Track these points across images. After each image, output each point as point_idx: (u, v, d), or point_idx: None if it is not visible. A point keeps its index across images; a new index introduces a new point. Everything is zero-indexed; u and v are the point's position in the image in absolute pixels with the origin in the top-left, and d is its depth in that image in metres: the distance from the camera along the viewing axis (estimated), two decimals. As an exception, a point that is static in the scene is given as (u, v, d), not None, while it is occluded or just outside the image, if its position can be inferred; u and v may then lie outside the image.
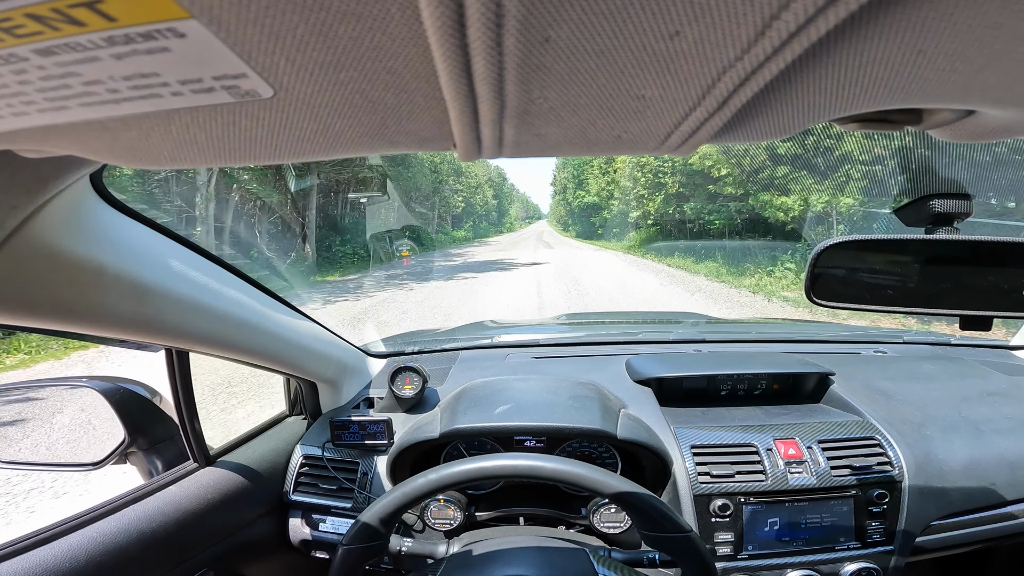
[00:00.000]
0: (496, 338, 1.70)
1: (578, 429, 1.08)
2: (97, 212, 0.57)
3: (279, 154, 0.30)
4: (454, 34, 0.19)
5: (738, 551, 1.05)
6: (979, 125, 0.32)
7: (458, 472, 0.85)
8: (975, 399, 1.29)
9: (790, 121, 0.29)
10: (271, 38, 0.20)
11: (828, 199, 10.01)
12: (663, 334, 1.74)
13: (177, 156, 0.30)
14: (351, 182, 17.28)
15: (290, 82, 0.23)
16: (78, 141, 0.29)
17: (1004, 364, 1.52)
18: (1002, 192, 2.03)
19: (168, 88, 0.23)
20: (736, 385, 1.36)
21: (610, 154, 0.34)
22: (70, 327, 0.59)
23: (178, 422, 1.00)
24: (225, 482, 1.04)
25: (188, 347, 0.84)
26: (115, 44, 0.20)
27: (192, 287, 0.73)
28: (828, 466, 1.09)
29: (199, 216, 11.67)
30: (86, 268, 0.55)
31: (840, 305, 0.72)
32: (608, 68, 0.22)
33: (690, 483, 1.08)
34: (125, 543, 0.82)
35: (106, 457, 1.00)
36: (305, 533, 1.19)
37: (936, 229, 0.64)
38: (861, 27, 0.20)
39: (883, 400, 1.28)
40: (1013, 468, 1.13)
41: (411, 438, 1.12)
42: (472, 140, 0.29)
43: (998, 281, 0.66)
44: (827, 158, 9.67)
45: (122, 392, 1.03)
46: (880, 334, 1.84)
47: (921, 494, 1.09)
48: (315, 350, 1.16)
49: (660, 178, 17.26)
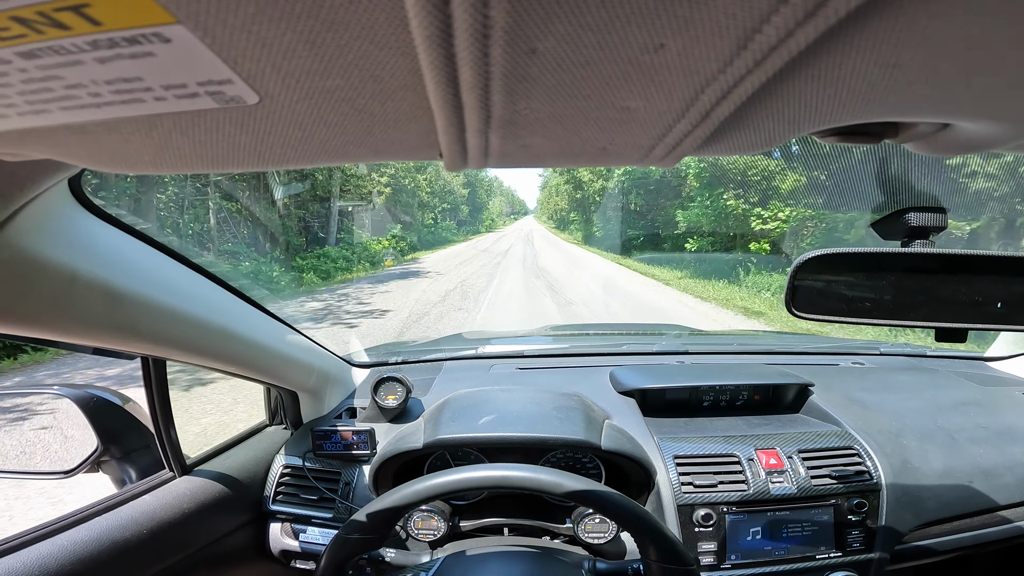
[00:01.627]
0: (480, 349, 1.70)
1: (562, 440, 1.08)
2: (74, 217, 0.56)
3: (263, 161, 0.30)
4: (441, 44, 0.19)
5: (721, 560, 1.06)
6: (954, 138, 0.33)
7: (472, 478, 0.84)
8: (950, 409, 1.32)
9: (771, 134, 0.29)
10: (258, 45, 0.20)
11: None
12: (646, 346, 1.75)
13: (159, 161, 0.30)
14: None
15: (276, 89, 0.23)
16: (57, 145, 0.29)
17: (978, 375, 1.55)
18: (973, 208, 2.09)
19: (151, 93, 0.23)
20: (718, 396, 1.37)
21: (595, 165, 0.34)
22: (42, 334, 0.58)
23: (154, 431, 0.98)
24: (202, 492, 1.02)
25: (164, 355, 0.83)
26: (99, 48, 0.20)
27: (169, 294, 0.72)
28: (808, 475, 1.10)
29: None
30: (60, 274, 0.54)
31: (819, 317, 0.73)
32: (594, 80, 0.23)
33: (673, 493, 1.08)
34: (97, 552, 0.80)
35: (78, 465, 0.98)
36: (286, 543, 1.17)
37: (912, 242, 0.65)
38: (839, 41, 0.21)
39: (861, 410, 1.30)
40: (988, 476, 1.15)
41: (394, 448, 1.11)
42: (458, 150, 0.29)
43: (972, 294, 0.67)
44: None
45: (95, 400, 1.01)
46: (857, 346, 1.87)
47: (899, 502, 1.11)
48: (296, 359, 1.15)
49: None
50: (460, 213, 52.85)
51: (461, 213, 53.63)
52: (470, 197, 59.45)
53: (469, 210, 59.74)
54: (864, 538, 1.09)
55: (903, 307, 0.70)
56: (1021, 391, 1.43)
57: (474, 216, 62.55)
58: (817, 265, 0.71)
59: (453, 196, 46.64)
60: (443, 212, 41.93)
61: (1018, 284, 0.67)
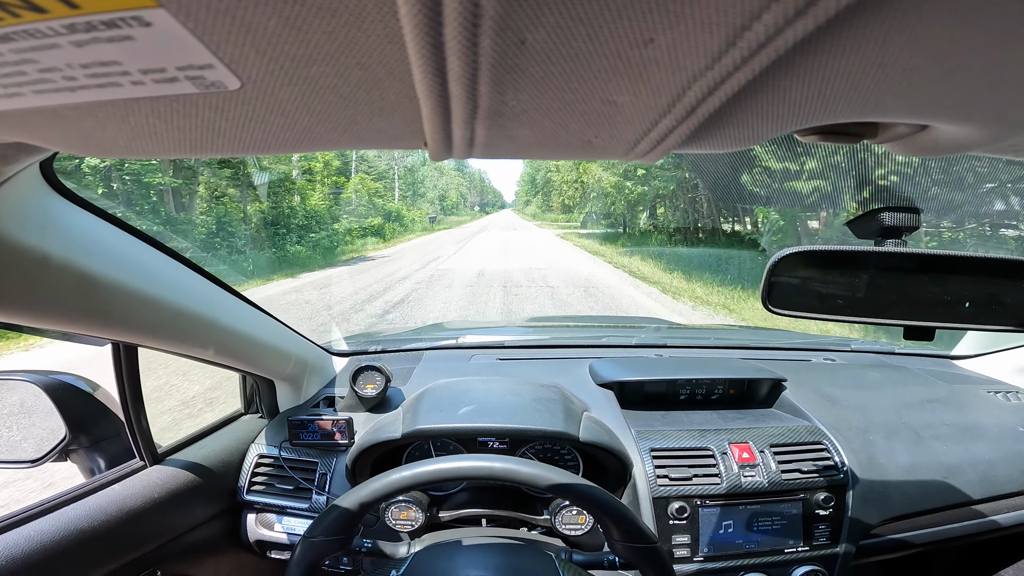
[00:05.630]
0: (461, 339, 1.70)
1: (541, 431, 1.08)
2: (45, 201, 0.55)
3: (243, 147, 0.30)
4: (430, 32, 0.19)
5: (694, 553, 1.08)
6: (932, 140, 0.34)
7: (436, 470, 0.84)
8: (916, 406, 1.36)
9: (755, 132, 0.30)
10: (242, 30, 0.19)
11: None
12: (626, 338, 1.77)
13: (134, 146, 0.29)
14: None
15: (259, 75, 0.22)
16: (29, 128, 0.28)
17: (945, 373, 1.60)
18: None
19: (129, 77, 0.22)
20: (695, 390, 1.40)
21: (580, 159, 0.34)
22: (12, 318, 0.56)
23: (124, 419, 0.96)
24: (173, 481, 1.00)
25: (137, 341, 0.81)
26: (76, 32, 0.19)
27: (142, 279, 0.70)
28: (779, 470, 1.13)
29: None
30: (31, 257, 0.53)
31: (794, 314, 0.75)
32: (582, 72, 0.23)
33: (649, 486, 1.10)
34: (64, 542, 0.78)
35: (46, 454, 0.96)
36: (261, 533, 1.16)
37: (884, 241, 0.66)
38: (826, 40, 0.21)
39: (830, 406, 1.33)
40: (951, 473, 1.19)
41: (372, 438, 1.11)
42: (443, 139, 0.29)
43: (941, 293, 0.69)
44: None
45: (62, 386, 0.98)
46: (829, 342, 1.92)
47: (864, 498, 1.14)
48: (273, 346, 1.14)
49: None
50: (375, 209, 26.08)
51: (375, 209, 26.14)
52: (411, 182, 36.84)
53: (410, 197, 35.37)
54: (830, 532, 1.12)
55: (874, 305, 0.71)
56: (986, 390, 1.48)
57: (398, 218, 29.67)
58: (793, 262, 0.72)
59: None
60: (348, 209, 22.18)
61: (986, 284, 0.69)
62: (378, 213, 26.02)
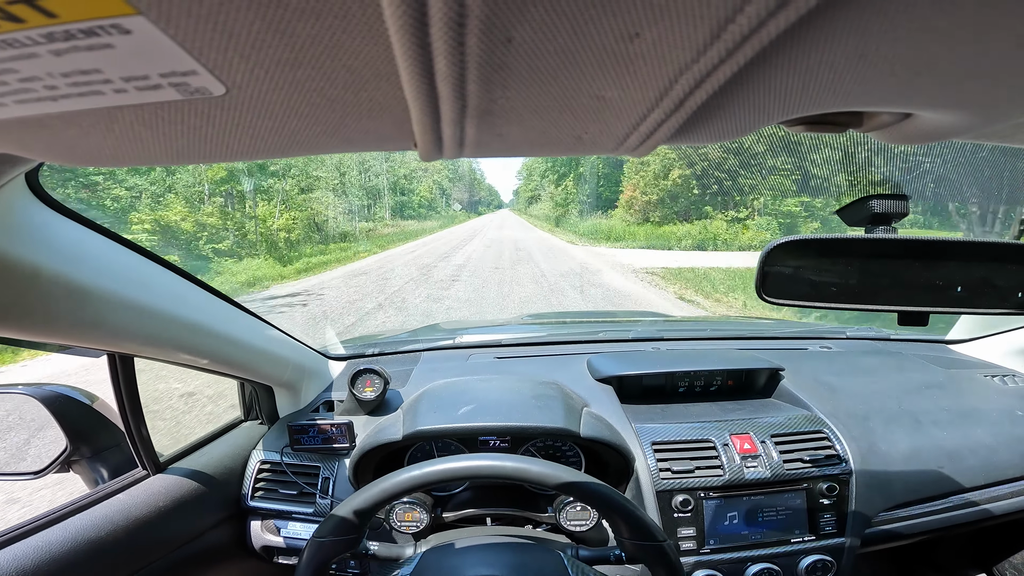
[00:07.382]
0: (458, 338, 1.69)
1: (542, 428, 1.08)
2: (32, 212, 0.55)
3: (231, 153, 0.29)
4: (416, 33, 0.19)
5: (700, 546, 1.08)
6: (916, 127, 0.34)
7: (447, 469, 0.84)
8: (914, 392, 1.36)
9: (742, 123, 0.30)
10: (224, 35, 0.19)
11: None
12: (623, 333, 1.77)
13: (120, 155, 0.29)
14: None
15: (244, 80, 0.22)
16: (12, 138, 0.28)
17: (941, 358, 1.61)
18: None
19: (111, 85, 0.22)
20: (693, 382, 1.40)
21: (570, 154, 0.34)
22: (7, 332, 0.56)
23: (124, 429, 0.96)
24: (177, 489, 1.00)
25: (132, 351, 0.81)
26: (55, 40, 0.19)
27: (135, 288, 0.70)
28: (781, 459, 1.13)
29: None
30: (21, 270, 0.52)
31: (789, 302, 0.75)
32: (569, 69, 0.23)
33: (652, 479, 1.10)
34: (72, 552, 0.78)
35: (48, 465, 0.96)
36: (267, 539, 1.16)
37: (875, 228, 0.67)
38: (809, 31, 0.21)
39: (829, 394, 1.33)
40: (952, 458, 1.19)
41: (373, 440, 1.11)
42: (433, 140, 0.29)
43: (933, 278, 0.69)
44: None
45: (59, 398, 0.98)
46: (825, 330, 1.92)
47: (867, 486, 1.14)
48: (270, 353, 1.13)
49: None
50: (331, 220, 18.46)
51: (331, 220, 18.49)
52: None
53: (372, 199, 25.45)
54: (836, 521, 1.12)
55: (867, 291, 0.72)
56: (982, 374, 1.49)
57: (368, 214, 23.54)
58: (786, 251, 0.73)
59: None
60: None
61: (977, 268, 0.70)
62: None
